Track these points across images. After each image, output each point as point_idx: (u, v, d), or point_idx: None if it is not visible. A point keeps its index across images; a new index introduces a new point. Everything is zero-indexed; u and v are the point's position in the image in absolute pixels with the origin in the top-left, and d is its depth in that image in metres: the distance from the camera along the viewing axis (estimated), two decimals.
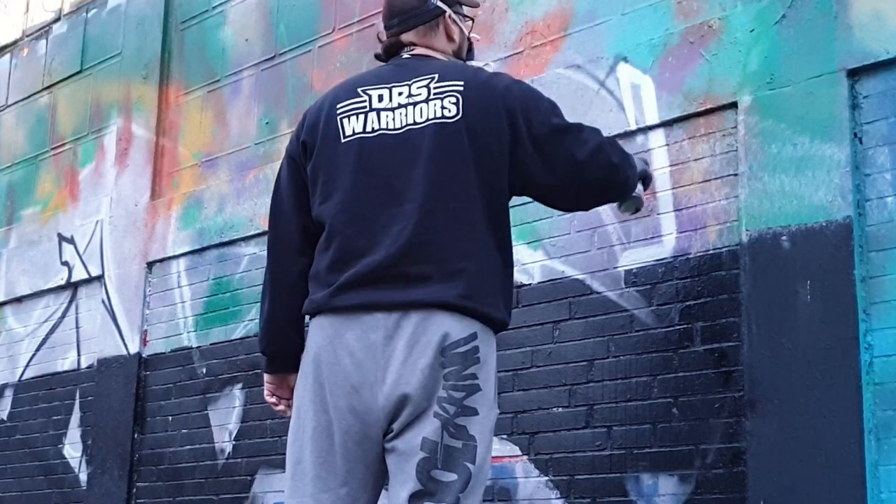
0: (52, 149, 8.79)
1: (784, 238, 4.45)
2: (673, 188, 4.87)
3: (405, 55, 3.87)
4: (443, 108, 3.64)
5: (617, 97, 5.11)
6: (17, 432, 8.35)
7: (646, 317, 4.86)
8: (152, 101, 7.80)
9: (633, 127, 5.03)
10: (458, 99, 3.64)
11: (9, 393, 8.53)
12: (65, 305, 8.22)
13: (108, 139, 8.19)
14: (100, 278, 7.85)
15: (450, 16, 3.89)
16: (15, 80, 9.44)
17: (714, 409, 4.59)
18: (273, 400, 4.01)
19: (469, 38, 4.00)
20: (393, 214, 3.61)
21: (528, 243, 5.31)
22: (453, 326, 3.53)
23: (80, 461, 7.71)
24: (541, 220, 5.26)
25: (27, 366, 8.42)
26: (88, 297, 8.03)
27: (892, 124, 4.34)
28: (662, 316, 4.81)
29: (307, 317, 3.77)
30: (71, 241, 8.20)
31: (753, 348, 4.47)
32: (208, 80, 7.48)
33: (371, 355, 3.55)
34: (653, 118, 4.98)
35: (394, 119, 3.68)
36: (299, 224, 3.81)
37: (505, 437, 5.24)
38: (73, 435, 7.83)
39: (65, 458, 7.86)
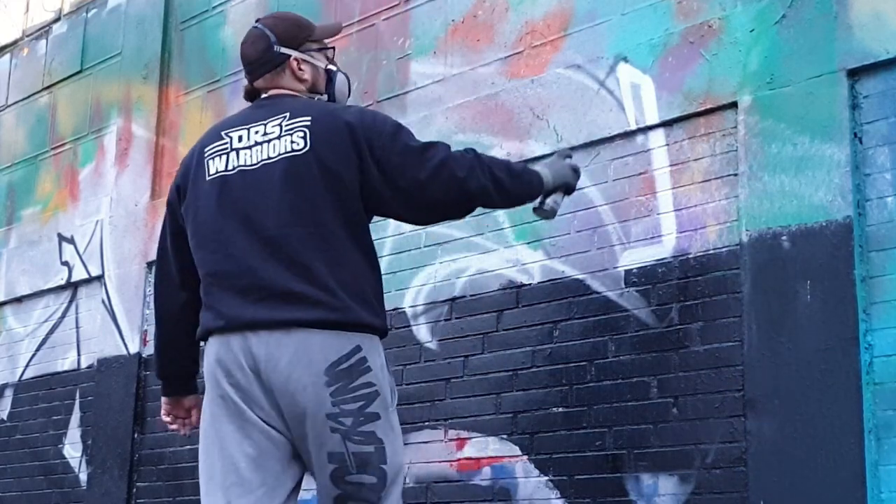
0: (52, 149, 8.80)
1: (784, 238, 4.46)
2: (673, 188, 4.88)
3: (263, 97, 4.20)
4: (292, 142, 3.94)
5: (617, 97, 5.11)
6: (17, 432, 8.36)
7: (646, 317, 4.86)
8: (152, 100, 7.81)
9: (633, 127, 5.04)
10: (305, 133, 3.93)
11: (9, 393, 8.53)
12: (65, 305, 8.23)
13: (108, 139, 8.21)
14: (100, 278, 7.86)
15: (295, 59, 4.17)
16: (15, 80, 9.45)
17: (714, 409, 4.59)
18: (169, 419, 4.48)
19: (328, 70, 4.27)
20: (257, 241, 3.90)
21: (527, 243, 5.32)
22: (333, 345, 3.81)
23: (80, 461, 7.72)
24: (541, 219, 5.27)
25: (27, 366, 8.43)
26: (88, 296, 8.04)
27: (892, 124, 4.34)
28: (662, 316, 4.81)
29: (201, 342, 4.13)
30: (71, 241, 8.21)
31: (753, 348, 4.48)
32: (208, 80, 7.48)
33: (256, 371, 3.83)
34: (653, 118, 4.98)
35: (251, 156, 4.00)
36: (178, 263, 4.20)
37: (505, 436, 5.25)
38: (73, 435, 7.84)
39: (65, 458, 7.86)
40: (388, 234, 5.94)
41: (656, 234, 4.90)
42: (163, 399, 4.47)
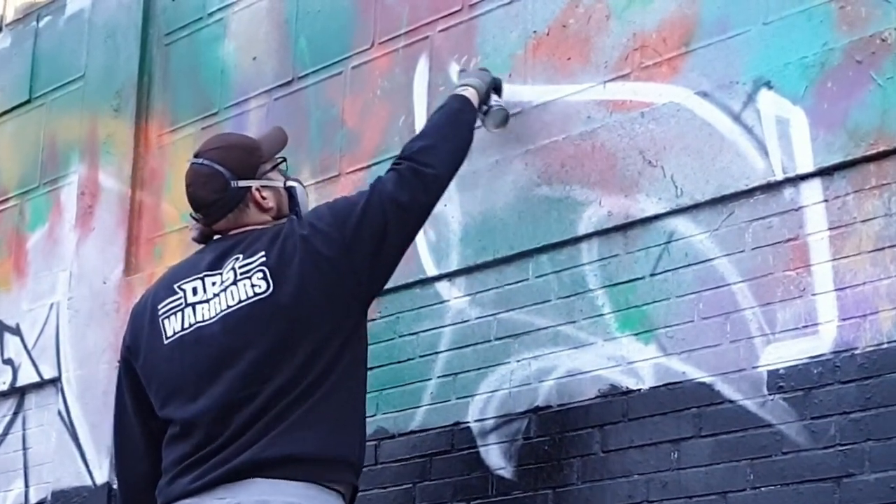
0: None
1: None
2: (833, 259, 4.89)
3: (217, 238, 5.09)
4: (253, 285, 4.82)
5: (757, 135, 5.14)
6: None
7: (797, 434, 4.88)
8: (126, 141, 7.87)
9: (780, 177, 5.06)
10: (264, 273, 4.81)
11: None
12: (8, 419, 8.32)
13: (67, 193, 8.30)
14: (55, 382, 7.94)
15: (256, 189, 5.04)
16: None
17: None
18: None
19: (288, 188, 5.13)
20: (226, 405, 4.77)
21: (636, 334, 5.38)
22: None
23: None
24: (654, 302, 5.35)
25: None
26: (39, 407, 8.11)
27: None
28: (820, 433, 4.83)
29: None
30: (16, 331, 8.31)
31: None
32: (203, 112, 7.53)
33: None
34: (806, 165, 5.00)
35: (209, 309, 4.87)
36: (143, 427, 5.11)
37: None
38: None
39: None
40: (445, 323, 6.02)
41: (810, 322, 4.93)
42: None
